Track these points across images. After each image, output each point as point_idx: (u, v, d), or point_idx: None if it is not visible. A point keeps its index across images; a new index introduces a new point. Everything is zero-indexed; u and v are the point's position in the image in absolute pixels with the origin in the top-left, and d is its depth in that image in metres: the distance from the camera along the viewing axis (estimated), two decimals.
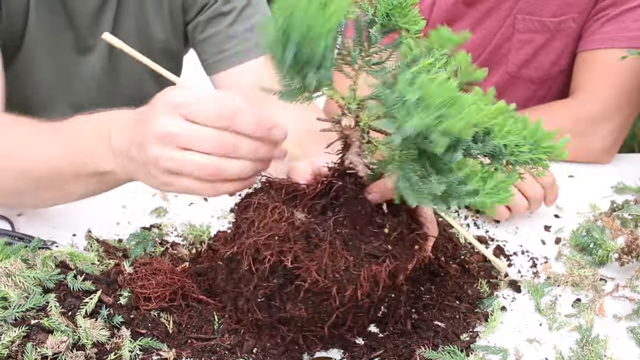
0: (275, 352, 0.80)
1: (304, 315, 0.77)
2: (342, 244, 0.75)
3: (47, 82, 1.26)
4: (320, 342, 0.81)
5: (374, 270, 0.75)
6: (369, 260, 0.76)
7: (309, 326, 0.79)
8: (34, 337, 0.75)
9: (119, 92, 1.34)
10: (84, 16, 1.22)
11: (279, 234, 0.75)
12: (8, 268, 0.82)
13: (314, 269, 0.73)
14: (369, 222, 0.78)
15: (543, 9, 1.39)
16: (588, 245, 1.02)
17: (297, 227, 0.76)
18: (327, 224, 0.76)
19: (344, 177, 0.79)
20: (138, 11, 1.25)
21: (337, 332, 0.81)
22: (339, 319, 0.79)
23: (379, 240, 0.77)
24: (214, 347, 0.79)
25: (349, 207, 0.78)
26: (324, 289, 0.74)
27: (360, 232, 0.77)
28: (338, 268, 0.74)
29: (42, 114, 1.28)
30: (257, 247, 0.76)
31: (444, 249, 1.01)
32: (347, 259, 0.74)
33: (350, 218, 0.77)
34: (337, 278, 0.74)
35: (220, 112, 0.75)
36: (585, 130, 1.29)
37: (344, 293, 0.75)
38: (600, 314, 0.91)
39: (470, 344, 0.83)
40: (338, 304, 0.76)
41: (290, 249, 0.74)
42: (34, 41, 1.21)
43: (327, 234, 0.75)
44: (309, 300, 0.76)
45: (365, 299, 0.77)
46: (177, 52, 1.37)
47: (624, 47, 1.28)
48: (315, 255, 0.74)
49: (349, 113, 0.75)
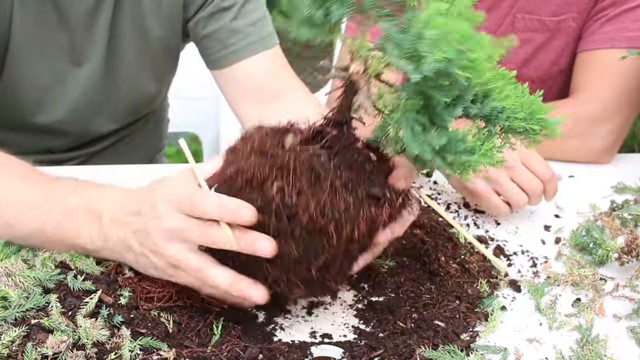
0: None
1: (293, 255, 0.76)
2: (342, 185, 0.75)
3: (40, 85, 1.25)
4: (303, 286, 0.79)
5: (373, 213, 0.75)
6: (369, 202, 0.76)
7: (296, 266, 0.77)
8: (34, 337, 0.74)
9: (117, 96, 1.33)
10: (78, 16, 1.19)
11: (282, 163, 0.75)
12: (8, 268, 0.82)
13: (313, 207, 0.73)
14: (365, 170, 0.78)
15: (543, 8, 1.39)
16: (588, 245, 1.02)
17: (302, 160, 0.75)
18: (327, 164, 0.76)
19: (339, 127, 0.79)
20: (135, 9, 1.24)
21: (320, 276, 0.79)
22: (327, 262, 0.77)
23: (376, 186, 0.77)
24: (209, 355, 0.78)
25: (344, 155, 0.78)
26: (321, 228, 0.74)
27: (358, 177, 0.77)
28: (338, 207, 0.74)
29: (37, 114, 1.28)
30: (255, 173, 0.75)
31: (444, 249, 1.01)
32: (347, 199, 0.74)
33: (347, 164, 0.77)
34: (336, 217, 0.74)
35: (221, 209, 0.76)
36: (585, 130, 1.29)
37: (341, 232, 0.74)
38: (600, 314, 0.91)
39: (470, 344, 0.83)
40: (331, 245, 0.75)
41: (295, 182, 0.74)
42: (21, 42, 1.18)
43: (328, 173, 0.75)
44: (302, 239, 0.75)
45: (357, 245, 0.77)
46: (175, 49, 1.37)
47: (624, 47, 1.29)
48: (315, 193, 0.74)
49: (359, 58, 0.75)
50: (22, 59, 1.20)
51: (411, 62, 0.66)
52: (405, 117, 0.71)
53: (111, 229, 0.83)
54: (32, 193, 0.88)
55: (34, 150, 1.34)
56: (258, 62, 1.27)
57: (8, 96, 1.24)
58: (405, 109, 0.72)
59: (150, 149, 1.60)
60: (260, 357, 0.79)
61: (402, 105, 0.72)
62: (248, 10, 1.26)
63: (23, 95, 1.25)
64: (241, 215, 0.75)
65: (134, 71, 1.32)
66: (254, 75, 1.28)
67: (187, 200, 0.77)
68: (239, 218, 0.75)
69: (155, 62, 1.34)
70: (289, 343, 0.84)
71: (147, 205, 0.81)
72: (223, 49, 1.27)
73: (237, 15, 1.26)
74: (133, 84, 1.34)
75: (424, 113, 0.71)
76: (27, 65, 1.21)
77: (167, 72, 1.42)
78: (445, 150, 0.71)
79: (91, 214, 0.85)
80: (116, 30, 1.24)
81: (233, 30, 1.26)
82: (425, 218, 1.07)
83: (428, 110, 0.71)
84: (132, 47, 1.28)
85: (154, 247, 0.79)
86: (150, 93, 1.42)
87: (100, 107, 1.33)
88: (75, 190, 0.88)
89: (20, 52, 1.19)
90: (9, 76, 1.22)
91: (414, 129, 0.71)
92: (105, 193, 0.87)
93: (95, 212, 0.85)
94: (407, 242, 1.01)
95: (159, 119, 1.60)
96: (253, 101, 1.28)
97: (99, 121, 1.36)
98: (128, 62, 1.29)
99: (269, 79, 1.29)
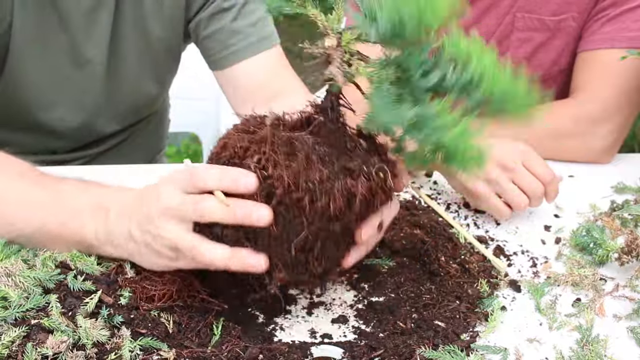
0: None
1: (272, 232, 0.76)
2: (318, 158, 0.75)
3: (42, 85, 1.25)
4: (283, 268, 0.78)
5: (348, 184, 0.75)
6: (344, 174, 0.75)
7: (276, 246, 0.77)
8: (34, 337, 0.75)
9: (119, 96, 1.33)
10: (78, 17, 1.19)
11: (261, 137, 0.76)
12: (8, 268, 0.82)
13: (286, 177, 0.73)
14: (345, 147, 0.78)
15: (542, 7, 1.39)
16: (588, 245, 1.02)
17: (281, 135, 0.76)
18: (306, 139, 0.76)
19: (326, 112, 0.79)
20: (136, 10, 1.24)
21: (303, 258, 0.78)
22: (308, 242, 0.77)
23: (355, 160, 0.77)
24: (209, 356, 0.78)
25: (328, 138, 0.78)
26: (296, 201, 0.74)
27: (338, 153, 0.77)
28: (312, 178, 0.73)
29: (40, 115, 1.28)
30: (236, 147, 0.76)
31: (444, 249, 1.01)
32: (322, 171, 0.74)
33: (329, 142, 0.77)
34: (310, 187, 0.73)
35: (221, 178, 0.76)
36: (585, 130, 1.29)
37: (316, 205, 0.74)
38: (600, 314, 0.91)
39: (470, 344, 0.83)
40: (309, 221, 0.75)
41: (271, 154, 0.74)
42: (21, 44, 1.18)
43: (305, 146, 0.75)
44: (280, 215, 0.75)
45: (337, 223, 0.76)
46: (176, 49, 1.37)
47: (624, 47, 1.28)
48: (289, 165, 0.74)
49: (332, 33, 0.75)
50: (23, 60, 1.20)
51: (369, 24, 0.67)
52: (377, 88, 0.71)
53: (116, 222, 0.83)
54: (38, 193, 0.89)
55: (37, 151, 1.34)
56: (259, 62, 1.27)
57: (10, 96, 1.24)
58: (378, 80, 0.71)
59: (151, 149, 1.60)
60: (260, 357, 0.79)
61: (376, 77, 0.72)
62: (248, 10, 1.26)
63: (25, 96, 1.25)
64: (243, 182, 0.74)
65: (136, 72, 1.32)
66: (254, 75, 1.28)
67: (185, 174, 0.78)
68: (240, 184, 0.74)
69: (156, 63, 1.34)
70: (289, 343, 0.84)
71: (149, 193, 0.81)
72: (223, 50, 1.27)
73: (237, 15, 1.26)
74: (134, 84, 1.34)
75: (401, 84, 0.71)
76: (28, 66, 1.22)
77: (168, 72, 1.42)
78: (418, 125, 0.70)
79: (98, 209, 0.85)
80: (117, 31, 1.24)
81: (233, 30, 1.26)
82: (425, 218, 1.07)
83: (404, 83, 0.71)
84: (134, 48, 1.28)
85: (155, 229, 0.79)
86: (152, 94, 1.42)
87: (102, 107, 1.33)
88: (84, 190, 0.88)
89: (20, 53, 1.19)
90: (10, 77, 1.22)
91: (385, 100, 0.70)
92: (113, 190, 0.88)
93: (103, 207, 0.85)
94: (407, 242, 1.01)
95: (160, 120, 1.60)
96: (254, 101, 1.28)
97: (101, 122, 1.36)
98: (129, 63, 1.29)
99: (270, 79, 1.29)
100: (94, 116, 1.33)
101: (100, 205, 0.85)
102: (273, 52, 1.29)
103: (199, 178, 0.77)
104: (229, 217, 0.75)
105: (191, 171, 0.78)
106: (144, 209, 0.80)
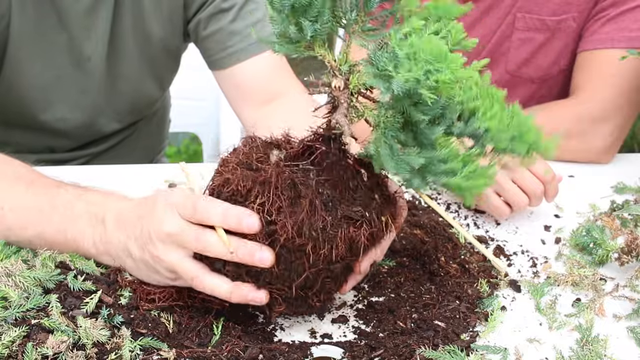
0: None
1: (274, 271, 0.76)
2: (321, 204, 0.75)
3: (41, 84, 1.25)
4: (284, 303, 0.80)
5: (351, 232, 0.75)
6: (347, 222, 0.76)
7: (277, 283, 0.78)
8: (34, 337, 0.75)
9: (119, 96, 1.33)
10: (77, 16, 1.19)
11: (265, 178, 0.75)
12: (8, 268, 0.82)
13: (290, 225, 0.73)
14: (350, 188, 0.78)
15: (543, 8, 1.39)
16: (588, 245, 1.02)
17: (285, 177, 0.75)
18: (309, 181, 0.76)
19: (328, 143, 0.79)
20: (135, 10, 1.24)
21: (302, 294, 0.79)
22: (308, 281, 0.78)
23: (357, 205, 0.77)
24: (209, 355, 0.78)
25: (331, 171, 0.78)
26: (299, 246, 0.74)
27: (341, 195, 0.77)
28: (316, 227, 0.74)
29: (40, 113, 1.28)
30: (239, 186, 0.76)
31: (444, 249, 1.01)
32: (325, 219, 0.74)
33: (332, 181, 0.77)
34: (314, 236, 0.74)
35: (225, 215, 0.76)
36: (585, 130, 1.29)
37: (319, 252, 0.74)
38: (600, 314, 0.91)
39: (470, 344, 0.83)
40: (311, 264, 0.75)
41: (275, 200, 0.74)
42: (20, 43, 1.18)
43: (309, 191, 0.75)
44: (282, 256, 0.76)
45: (338, 264, 0.77)
46: (176, 50, 1.37)
47: (624, 47, 1.28)
48: (293, 211, 0.74)
49: (340, 75, 0.75)
50: (22, 58, 1.20)
51: (383, 81, 0.65)
52: (383, 134, 0.71)
53: (114, 233, 0.84)
54: (36, 198, 0.88)
55: (36, 150, 1.34)
56: (257, 63, 1.27)
57: (9, 95, 1.24)
58: (384, 126, 0.71)
59: (152, 149, 1.60)
60: (260, 357, 0.79)
61: (382, 122, 0.72)
62: (247, 11, 1.26)
63: (24, 95, 1.25)
64: (246, 223, 0.75)
65: (136, 71, 1.32)
66: (253, 77, 1.28)
67: (189, 203, 0.77)
68: (243, 225, 0.75)
69: (156, 62, 1.34)
70: (289, 343, 0.84)
71: (149, 210, 0.81)
72: (222, 51, 1.27)
73: (236, 17, 1.25)
74: (134, 83, 1.34)
75: (407, 130, 0.71)
76: (27, 65, 1.21)
77: (168, 72, 1.42)
78: (425, 171, 0.71)
79: (95, 219, 0.85)
80: (116, 30, 1.24)
81: (232, 32, 1.26)
82: (425, 218, 1.07)
83: (411, 128, 0.70)
84: (133, 47, 1.28)
85: (155, 251, 0.79)
86: (152, 93, 1.42)
87: (102, 106, 1.33)
88: (80, 197, 0.88)
89: (19, 52, 1.19)
90: (9, 76, 1.22)
91: (392, 146, 0.70)
92: (111, 199, 0.88)
93: (100, 217, 0.85)
94: (407, 242, 1.01)
95: (160, 120, 1.60)
96: (253, 102, 1.28)
97: (101, 121, 1.36)
98: (129, 62, 1.29)
99: (269, 81, 1.29)
100: (94, 115, 1.33)
101: (96, 214, 0.85)
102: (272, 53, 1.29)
103: (203, 212, 0.76)
104: (230, 256, 0.76)
105: (194, 203, 0.77)
106: (143, 227, 0.80)
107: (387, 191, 0.83)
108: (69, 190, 0.89)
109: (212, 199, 0.78)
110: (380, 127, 0.72)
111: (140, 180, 0.90)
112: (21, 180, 0.91)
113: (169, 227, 0.78)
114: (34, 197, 0.89)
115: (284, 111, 0.82)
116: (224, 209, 0.76)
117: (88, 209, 0.86)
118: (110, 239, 0.84)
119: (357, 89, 0.75)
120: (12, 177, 0.91)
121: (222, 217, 0.76)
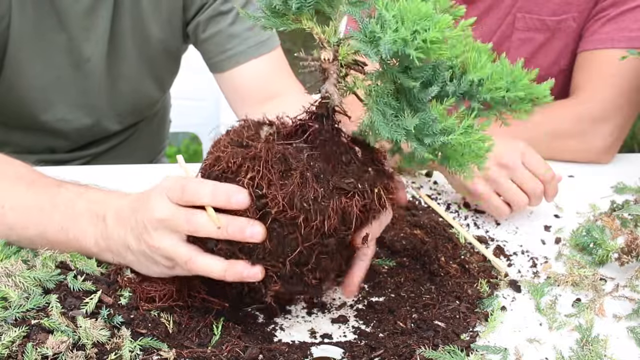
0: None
1: (267, 247, 0.76)
2: (313, 176, 0.74)
3: (41, 85, 1.25)
4: (279, 280, 0.79)
5: (343, 203, 0.75)
6: (339, 193, 0.75)
7: (271, 260, 0.77)
8: (34, 337, 0.75)
9: (119, 96, 1.33)
10: (76, 15, 1.19)
11: (255, 153, 0.75)
12: (8, 268, 0.82)
13: (281, 197, 0.73)
14: (342, 162, 0.78)
15: (543, 8, 1.39)
16: (588, 245, 1.02)
17: (275, 151, 0.75)
18: (301, 155, 0.76)
19: (321, 120, 0.78)
20: (134, 11, 1.24)
21: (297, 271, 0.78)
22: (302, 256, 0.77)
23: (350, 177, 0.77)
24: (209, 356, 0.78)
25: (324, 148, 0.78)
26: (291, 219, 0.74)
27: (333, 169, 0.77)
28: (307, 198, 0.73)
29: (40, 114, 1.28)
30: (230, 162, 0.75)
31: (444, 249, 1.01)
32: (317, 190, 0.74)
33: (324, 156, 0.77)
34: (305, 208, 0.73)
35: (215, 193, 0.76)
36: (585, 130, 1.29)
37: (311, 224, 0.74)
38: (600, 314, 0.91)
39: (470, 344, 0.83)
40: (304, 237, 0.75)
41: (265, 173, 0.74)
42: (20, 43, 1.18)
43: (300, 164, 0.75)
44: (274, 231, 0.75)
45: (332, 238, 0.76)
46: (175, 51, 1.37)
47: (624, 47, 1.29)
48: (284, 184, 0.74)
49: (329, 46, 0.75)
50: (22, 59, 1.20)
51: (372, 45, 0.65)
52: (375, 102, 0.70)
53: (114, 229, 0.84)
54: (37, 197, 0.88)
55: (37, 150, 1.34)
56: (257, 66, 1.27)
57: (9, 96, 1.24)
58: (376, 94, 0.71)
59: (152, 149, 1.60)
60: (260, 357, 0.79)
61: (373, 91, 0.71)
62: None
63: (25, 95, 1.25)
64: (235, 199, 0.74)
65: (135, 72, 1.32)
66: (252, 78, 1.28)
67: (177, 186, 0.77)
68: (232, 201, 0.74)
69: (156, 63, 1.34)
70: (289, 343, 0.84)
71: (143, 202, 0.81)
72: (222, 53, 1.27)
73: (235, 19, 1.26)
74: (134, 84, 1.34)
75: (399, 97, 0.70)
76: (27, 66, 1.22)
77: (168, 73, 1.42)
78: (421, 133, 0.70)
79: (97, 217, 0.85)
80: (116, 31, 1.24)
81: (231, 34, 1.26)
82: (425, 218, 1.07)
83: (403, 94, 0.70)
84: (133, 48, 1.28)
85: (150, 239, 0.79)
86: (152, 94, 1.42)
87: (102, 107, 1.33)
88: (81, 195, 0.88)
89: (19, 53, 1.19)
90: (10, 77, 1.22)
91: (385, 113, 0.70)
92: (111, 196, 0.88)
93: (101, 215, 0.85)
94: (407, 242, 1.01)
95: (161, 120, 1.60)
96: (253, 103, 1.28)
97: (101, 122, 1.36)
98: (129, 63, 1.29)
99: (268, 82, 1.29)
100: (94, 116, 1.33)
101: (96, 212, 0.86)
102: (272, 55, 1.29)
103: (192, 193, 0.76)
104: (221, 234, 0.76)
105: (183, 185, 0.77)
106: (137, 218, 0.81)
107: (382, 166, 0.82)
108: (69, 189, 0.89)
109: (201, 180, 0.78)
110: (372, 96, 0.72)
111: (141, 181, 0.90)
112: (22, 179, 0.91)
113: (160, 213, 0.78)
114: (35, 196, 0.89)
115: (282, 110, 0.82)
116: (213, 187, 0.76)
117: (89, 207, 0.86)
118: (111, 235, 0.84)
119: (347, 60, 0.75)
120: (13, 176, 0.91)
121: (211, 195, 0.75)
